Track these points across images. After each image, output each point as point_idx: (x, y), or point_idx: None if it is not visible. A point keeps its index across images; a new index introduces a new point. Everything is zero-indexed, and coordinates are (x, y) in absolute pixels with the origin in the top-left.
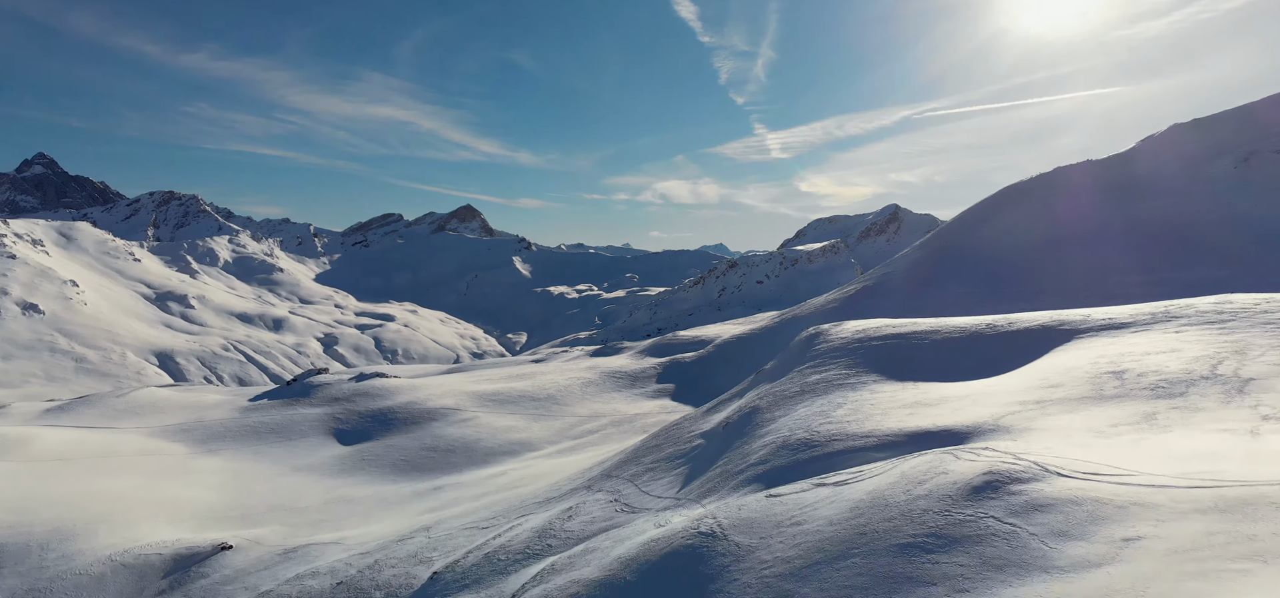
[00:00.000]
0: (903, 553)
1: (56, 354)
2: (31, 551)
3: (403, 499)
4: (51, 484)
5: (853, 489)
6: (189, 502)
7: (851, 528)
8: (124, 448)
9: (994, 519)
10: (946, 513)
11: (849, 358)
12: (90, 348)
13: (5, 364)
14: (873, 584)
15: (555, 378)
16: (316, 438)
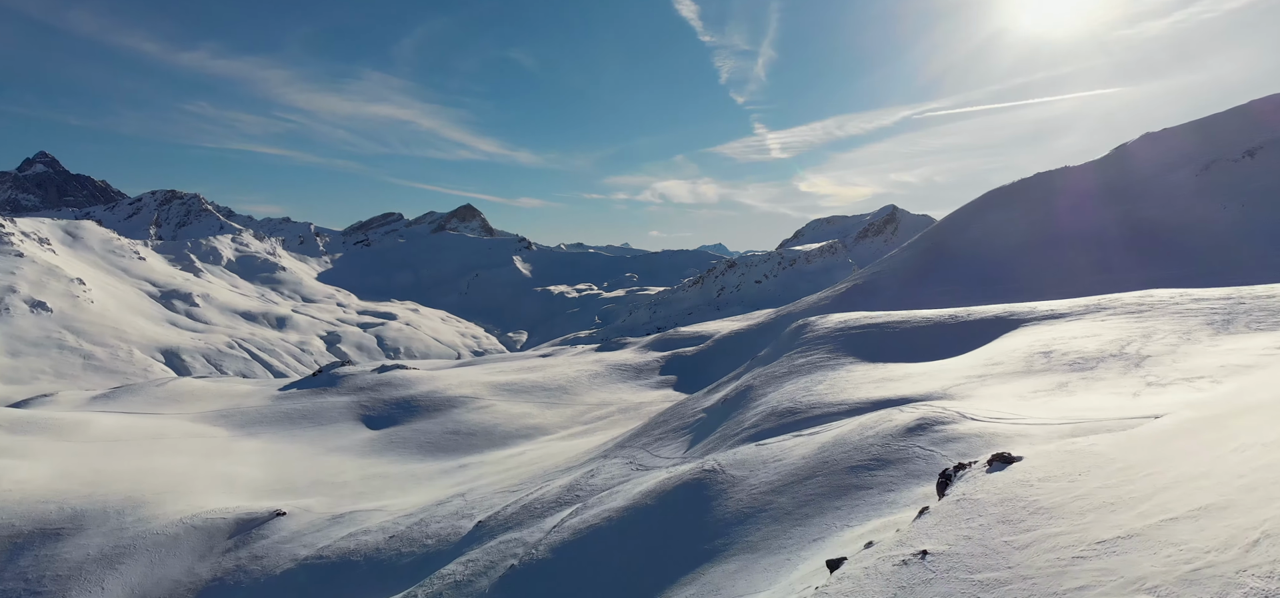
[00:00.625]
0: (852, 472)
1: (65, 351)
2: (109, 516)
3: (432, 475)
4: (114, 461)
5: (821, 436)
6: (239, 477)
7: (817, 460)
8: (172, 431)
9: (919, 448)
10: (886, 445)
11: (831, 344)
12: (98, 345)
13: (14, 361)
14: (829, 492)
15: (564, 370)
16: (346, 423)
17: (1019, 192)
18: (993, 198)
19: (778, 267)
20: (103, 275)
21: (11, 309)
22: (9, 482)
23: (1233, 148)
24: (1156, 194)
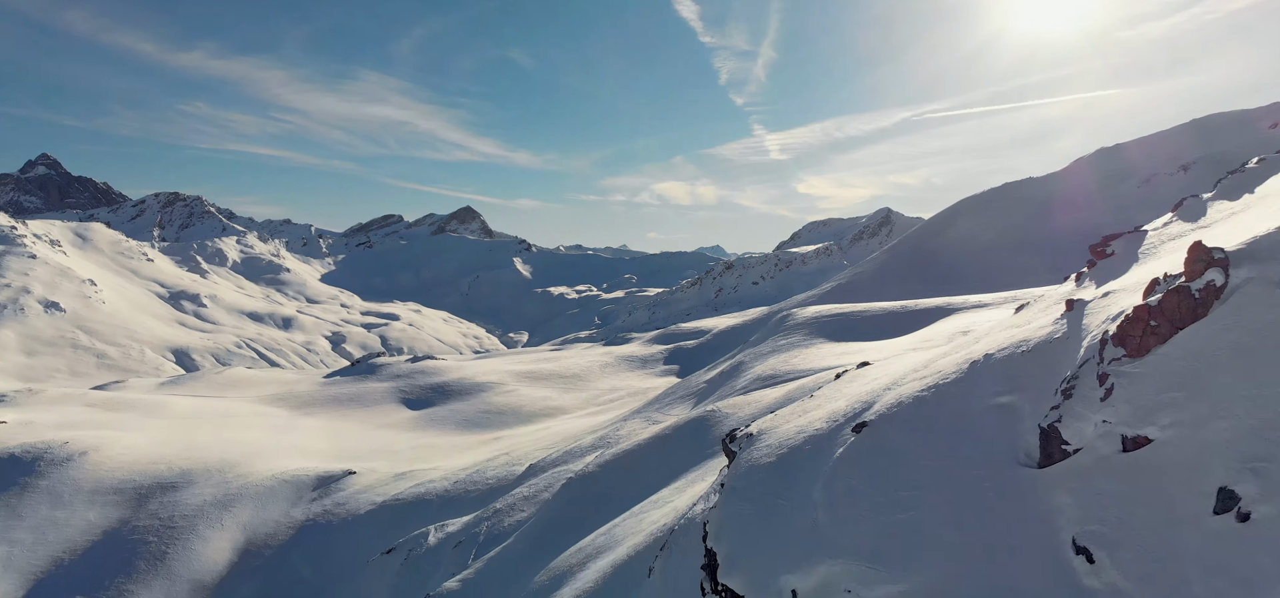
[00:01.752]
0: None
1: (78, 350)
2: (212, 473)
3: (472, 445)
4: (199, 433)
5: (787, 387)
6: (307, 446)
7: (783, 397)
8: (240, 411)
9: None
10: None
11: (806, 329)
12: (110, 345)
13: (30, 360)
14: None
15: (577, 361)
16: (389, 405)
17: (988, 200)
18: (965, 205)
19: (774, 268)
20: (113, 276)
21: (26, 309)
22: (119, 448)
23: (1172, 162)
24: (1104, 204)
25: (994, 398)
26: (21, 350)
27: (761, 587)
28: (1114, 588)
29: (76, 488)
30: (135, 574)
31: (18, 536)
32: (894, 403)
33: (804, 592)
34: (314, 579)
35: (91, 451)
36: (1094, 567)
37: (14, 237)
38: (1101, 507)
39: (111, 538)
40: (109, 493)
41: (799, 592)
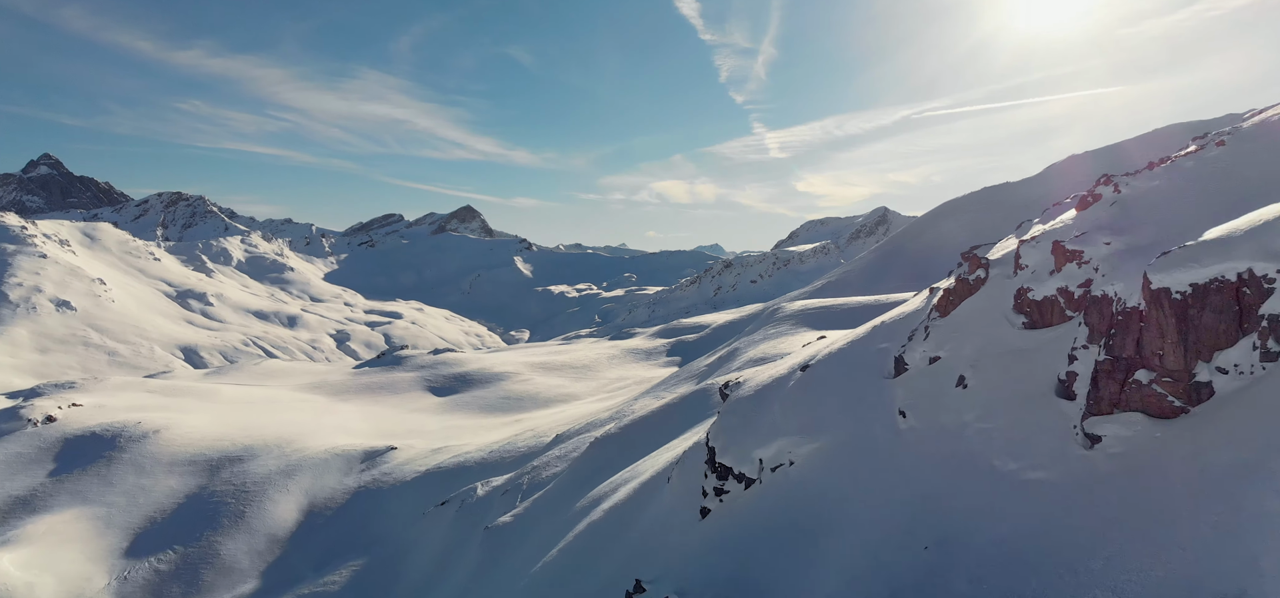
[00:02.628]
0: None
1: (90, 348)
2: (271, 448)
3: (497, 426)
4: (252, 415)
5: (774, 368)
6: (349, 426)
7: (771, 376)
8: (282, 397)
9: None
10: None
11: (793, 320)
12: (121, 343)
13: (43, 357)
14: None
15: (586, 353)
16: (416, 392)
17: (967, 203)
18: (946, 208)
19: (772, 266)
20: (121, 276)
21: (38, 308)
22: (186, 427)
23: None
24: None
25: (878, 345)
26: (35, 348)
27: (742, 459)
28: (914, 429)
29: (155, 460)
30: (220, 529)
31: (113, 499)
32: (826, 354)
33: (766, 458)
34: (374, 531)
35: (163, 429)
36: (906, 419)
37: (24, 237)
38: (914, 392)
39: (194, 500)
40: (184, 464)
41: (764, 458)
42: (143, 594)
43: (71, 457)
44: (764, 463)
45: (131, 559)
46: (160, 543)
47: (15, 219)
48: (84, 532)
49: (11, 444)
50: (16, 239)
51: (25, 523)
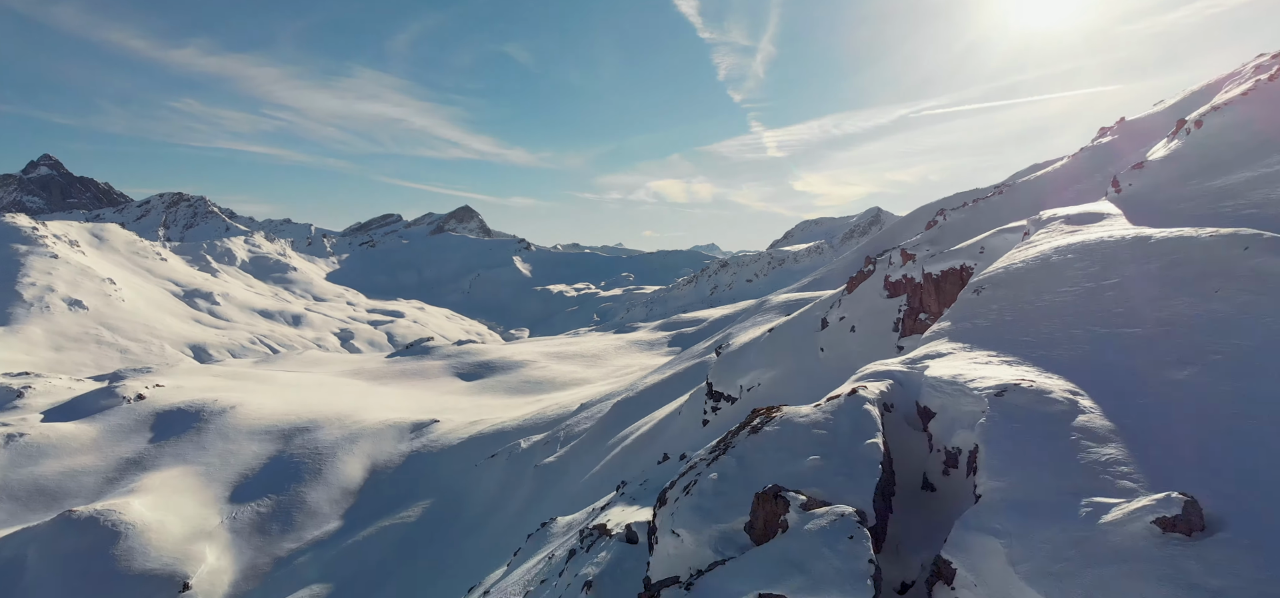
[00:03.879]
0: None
1: (102, 346)
2: (333, 420)
3: (523, 403)
4: (308, 395)
5: (753, 331)
6: (393, 404)
7: (750, 338)
8: (329, 381)
9: None
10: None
11: (778, 310)
12: (132, 341)
13: (58, 355)
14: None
15: (595, 344)
16: (445, 378)
17: (936, 207)
18: (924, 211)
19: (767, 266)
20: (130, 275)
21: (51, 307)
22: (254, 404)
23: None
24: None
25: (816, 313)
26: (49, 346)
27: (729, 386)
28: (828, 358)
29: (237, 430)
30: (303, 482)
31: (208, 460)
32: (785, 321)
33: (744, 384)
34: (433, 481)
35: (237, 406)
36: (824, 353)
37: (36, 237)
38: (829, 338)
39: (276, 460)
40: (262, 433)
41: (743, 384)
42: (250, 531)
43: (165, 427)
44: (743, 388)
45: (235, 505)
46: (256, 493)
47: (26, 220)
48: (191, 484)
49: (113, 418)
50: (28, 240)
51: (141, 478)
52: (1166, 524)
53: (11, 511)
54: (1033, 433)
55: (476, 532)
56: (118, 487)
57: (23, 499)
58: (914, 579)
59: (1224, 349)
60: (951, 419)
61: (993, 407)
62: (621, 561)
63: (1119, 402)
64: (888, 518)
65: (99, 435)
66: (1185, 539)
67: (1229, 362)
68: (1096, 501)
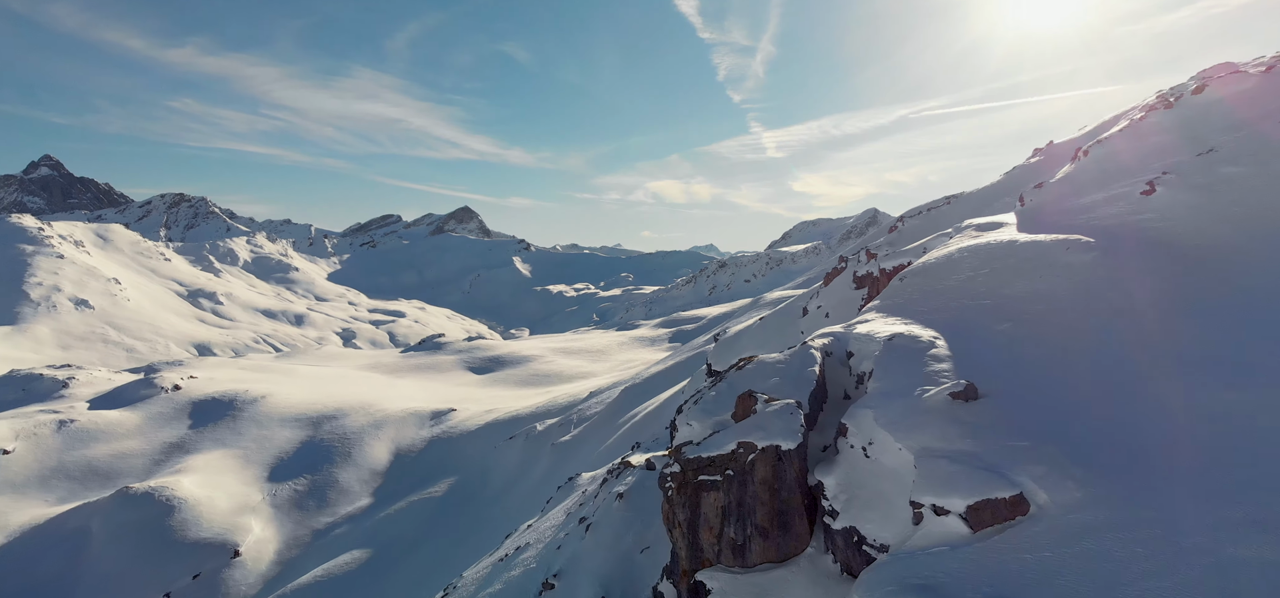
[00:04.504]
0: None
1: (109, 345)
2: (357, 409)
3: (534, 394)
4: (331, 386)
5: (746, 321)
6: (410, 396)
7: (743, 326)
8: (350, 374)
9: None
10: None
11: (770, 309)
12: (138, 339)
13: (65, 353)
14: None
15: (599, 340)
16: (458, 372)
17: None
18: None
19: (765, 266)
20: (134, 275)
21: (58, 306)
22: (282, 394)
23: None
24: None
25: (799, 304)
26: (57, 344)
27: (724, 362)
28: (806, 337)
29: (269, 417)
30: (334, 464)
31: (245, 444)
32: (774, 312)
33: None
34: (455, 461)
35: (267, 395)
36: (804, 336)
37: (41, 238)
38: (809, 323)
39: (308, 445)
40: (292, 420)
41: None
42: (289, 506)
43: (202, 414)
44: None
45: (274, 483)
46: (292, 473)
47: (32, 221)
48: (232, 465)
49: (154, 406)
50: (34, 240)
51: (185, 460)
52: (955, 395)
53: (70, 488)
54: (904, 360)
55: (501, 501)
56: (165, 467)
57: (79, 479)
58: (829, 443)
59: (1029, 311)
60: (861, 357)
61: (884, 347)
62: (645, 481)
63: (960, 342)
64: (819, 413)
65: (142, 422)
66: (964, 403)
67: (1028, 317)
68: (926, 389)
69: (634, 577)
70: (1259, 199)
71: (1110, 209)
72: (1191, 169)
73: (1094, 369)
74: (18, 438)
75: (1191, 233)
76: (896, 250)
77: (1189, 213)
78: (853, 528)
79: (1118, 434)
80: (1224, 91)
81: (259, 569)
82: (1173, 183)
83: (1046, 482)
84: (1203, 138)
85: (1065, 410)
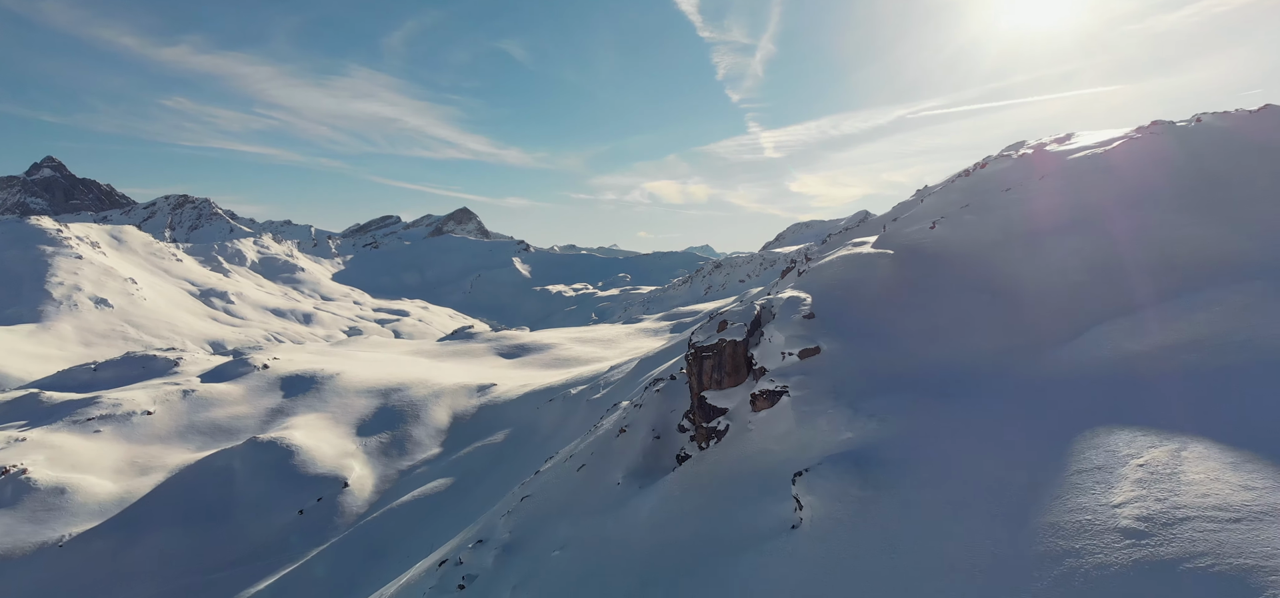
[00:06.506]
0: None
1: (129, 342)
2: (415, 383)
3: (560, 373)
4: (387, 368)
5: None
6: (456, 374)
7: None
8: (399, 358)
9: None
10: None
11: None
12: (155, 337)
13: (88, 350)
14: None
15: (608, 332)
16: (490, 357)
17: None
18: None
19: (759, 267)
20: (148, 275)
21: (79, 305)
22: (351, 373)
23: None
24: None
25: (773, 293)
26: (79, 342)
27: None
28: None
29: (346, 389)
30: (407, 423)
31: (332, 410)
32: (758, 302)
33: None
34: (504, 421)
35: (339, 374)
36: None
37: (60, 240)
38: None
39: (382, 410)
40: (365, 392)
41: None
42: (378, 453)
43: (292, 387)
44: None
45: (362, 437)
46: (375, 430)
47: (50, 223)
48: (326, 425)
49: (252, 381)
50: (54, 241)
51: (288, 420)
52: (806, 316)
53: (202, 441)
54: (790, 306)
55: (551, 442)
56: (274, 425)
57: (208, 434)
58: (757, 338)
59: (853, 287)
60: (774, 304)
61: (784, 301)
62: (670, 387)
63: (817, 299)
64: (755, 327)
65: (246, 392)
66: (807, 320)
67: (851, 288)
68: (794, 315)
69: (670, 422)
70: (975, 234)
71: (911, 228)
72: (957, 215)
73: (872, 310)
74: (155, 403)
75: (948, 248)
76: (824, 254)
77: (949, 238)
78: (763, 367)
79: (862, 324)
80: (1005, 165)
81: (364, 495)
82: (945, 223)
83: (830, 344)
84: (983, 195)
85: (852, 325)
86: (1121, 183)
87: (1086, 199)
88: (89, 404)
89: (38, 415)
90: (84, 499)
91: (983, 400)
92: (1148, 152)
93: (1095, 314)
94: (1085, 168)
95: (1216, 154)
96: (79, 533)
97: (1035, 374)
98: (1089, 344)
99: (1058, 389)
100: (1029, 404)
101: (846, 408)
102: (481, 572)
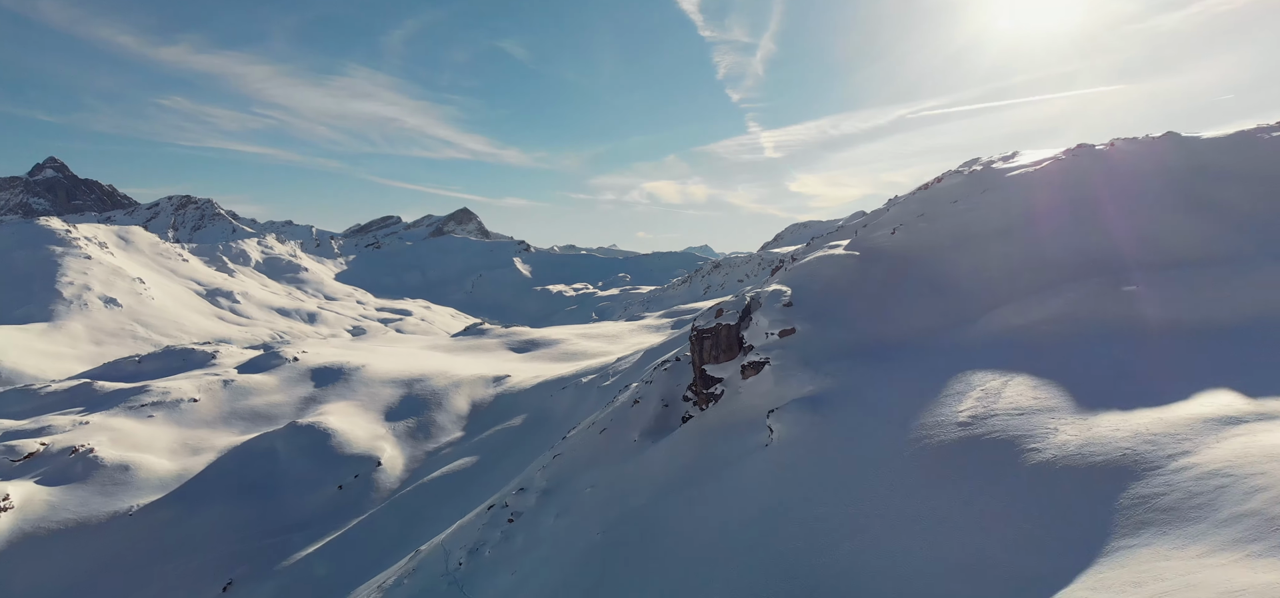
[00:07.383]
0: None
1: (139, 341)
2: (435, 374)
3: (569, 366)
4: (408, 360)
5: None
6: (470, 366)
7: None
8: (417, 352)
9: None
10: None
11: None
12: (164, 336)
13: (99, 349)
14: None
15: (611, 329)
16: (502, 351)
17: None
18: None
19: (757, 267)
20: (155, 275)
21: (89, 304)
22: (375, 365)
23: None
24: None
25: (762, 287)
26: (90, 340)
27: None
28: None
29: (372, 379)
30: (430, 411)
31: (361, 398)
32: (748, 294)
33: None
34: (520, 408)
35: (364, 366)
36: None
37: (70, 240)
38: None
39: (406, 398)
40: (390, 382)
41: None
42: (406, 437)
43: (321, 378)
44: None
45: (391, 422)
46: (401, 416)
47: (60, 224)
48: (357, 411)
49: (284, 372)
50: (63, 242)
51: (321, 407)
52: (786, 304)
53: (245, 426)
54: (773, 296)
55: (567, 425)
56: (309, 411)
57: (249, 419)
58: (747, 322)
59: (828, 282)
60: (761, 295)
61: (769, 292)
62: (676, 368)
63: (796, 290)
64: (746, 313)
65: (280, 383)
66: (787, 307)
67: (825, 282)
68: (777, 303)
69: (676, 394)
70: (926, 239)
71: (877, 234)
72: (913, 223)
73: (839, 300)
74: (200, 391)
75: (904, 250)
76: (808, 253)
77: (906, 242)
78: (751, 345)
79: (830, 310)
80: (952, 180)
81: (396, 473)
82: (902, 229)
83: (803, 325)
84: (936, 205)
85: (822, 311)
86: (1043, 198)
87: (1013, 210)
88: (140, 392)
89: (93, 402)
90: (146, 475)
91: (906, 362)
92: (1065, 171)
93: (1001, 299)
94: (1018, 185)
95: (1122, 175)
96: (145, 504)
97: (948, 344)
98: (988, 321)
99: (960, 353)
100: (937, 363)
101: (811, 370)
102: (526, 510)
